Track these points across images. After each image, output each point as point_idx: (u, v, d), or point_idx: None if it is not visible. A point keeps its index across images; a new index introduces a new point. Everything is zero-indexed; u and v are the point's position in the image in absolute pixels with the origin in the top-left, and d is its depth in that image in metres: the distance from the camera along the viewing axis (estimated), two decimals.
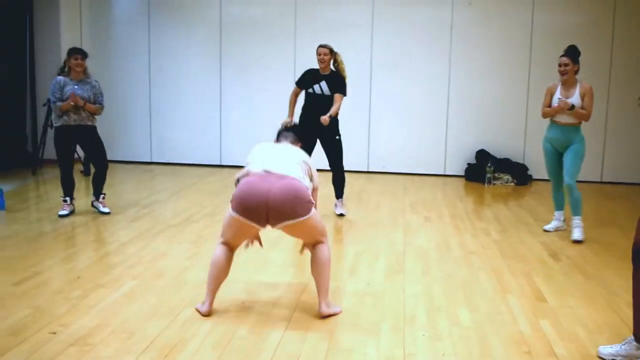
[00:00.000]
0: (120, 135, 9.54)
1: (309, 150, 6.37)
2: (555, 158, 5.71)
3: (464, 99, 8.80)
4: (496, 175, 8.36)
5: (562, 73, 5.54)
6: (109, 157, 9.26)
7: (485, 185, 8.29)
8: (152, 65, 9.45)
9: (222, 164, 9.47)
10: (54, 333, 3.44)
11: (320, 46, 6.29)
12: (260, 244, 4.10)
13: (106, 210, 6.33)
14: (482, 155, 8.61)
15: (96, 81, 6.27)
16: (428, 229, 5.94)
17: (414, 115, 8.94)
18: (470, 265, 4.81)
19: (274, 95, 9.04)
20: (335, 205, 6.51)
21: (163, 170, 9.11)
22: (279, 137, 4.21)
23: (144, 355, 3.21)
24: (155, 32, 9.38)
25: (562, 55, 5.55)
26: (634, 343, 3.18)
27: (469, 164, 8.76)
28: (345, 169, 6.51)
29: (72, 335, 3.42)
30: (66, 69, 6.13)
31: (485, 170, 8.30)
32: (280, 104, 9.00)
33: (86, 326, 3.55)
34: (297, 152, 3.97)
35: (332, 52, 6.26)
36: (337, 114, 6.23)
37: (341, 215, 6.39)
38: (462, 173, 8.84)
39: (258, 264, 4.64)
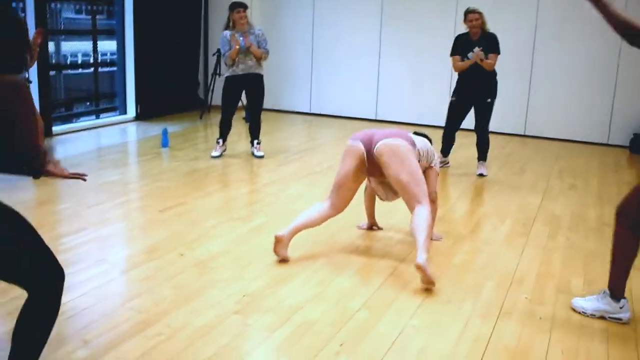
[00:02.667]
0: (284, 87, 10.01)
1: (462, 118, 6.40)
2: None
3: (635, 66, 8.13)
4: None
5: None
6: (275, 107, 9.79)
7: None
8: (316, 22, 9.74)
9: (377, 118, 9.62)
10: (182, 255, 3.86)
11: (470, 12, 6.17)
12: (378, 226, 4.52)
13: (260, 154, 6.76)
14: None
15: (260, 29, 6.61)
16: (569, 197, 5.69)
17: (578, 81, 8.42)
18: (601, 237, 4.58)
19: (431, 55, 8.98)
20: (478, 167, 6.43)
21: (320, 122, 9.45)
22: None
23: (253, 282, 3.51)
24: None
25: None
26: (609, 298, 3.23)
27: (635, 134, 8.14)
28: (500, 131, 6.39)
29: (196, 258, 3.82)
30: (231, 24, 6.55)
31: None
32: (437, 62, 8.97)
33: (210, 252, 3.94)
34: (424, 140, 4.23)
35: (482, 16, 6.14)
36: (492, 69, 6.15)
37: (481, 175, 6.31)
38: (628, 144, 8.24)
39: (381, 211, 4.73)
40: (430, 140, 4.32)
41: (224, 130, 6.72)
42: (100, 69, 9.04)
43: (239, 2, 6.53)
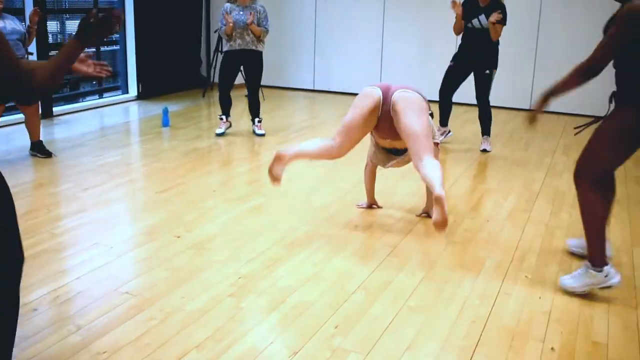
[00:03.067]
0: (287, 63, 9.90)
1: (457, 83, 6.30)
2: None
3: None
4: None
5: None
6: (278, 84, 9.67)
7: None
8: None
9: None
10: (179, 237, 3.83)
11: None
12: (378, 205, 4.48)
13: (261, 132, 6.70)
14: None
15: (262, 6, 6.46)
16: None
17: (585, 53, 8.22)
18: None
19: (436, 30, 8.84)
20: (481, 142, 6.34)
21: (323, 98, 9.36)
22: None
23: (249, 264, 3.48)
24: None
25: None
26: (591, 270, 3.15)
27: None
28: (505, 105, 6.28)
29: (193, 240, 3.79)
30: None
31: None
32: (442, 37, 8.83)
33: (207, 233, 3.90)
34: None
35: None
36: (497, 39, 6.04)
37: (484, 150, 6.22)
38: None
39: (381, 190, 4.69)
40: (432, 116, 4.24)
41: (224, 106, 6.65)
42: (103, 48, 8.96)
43: None
